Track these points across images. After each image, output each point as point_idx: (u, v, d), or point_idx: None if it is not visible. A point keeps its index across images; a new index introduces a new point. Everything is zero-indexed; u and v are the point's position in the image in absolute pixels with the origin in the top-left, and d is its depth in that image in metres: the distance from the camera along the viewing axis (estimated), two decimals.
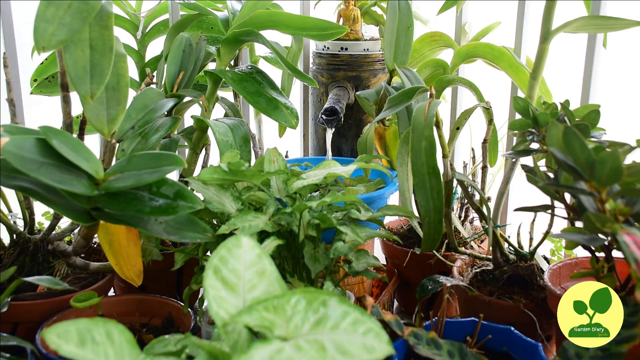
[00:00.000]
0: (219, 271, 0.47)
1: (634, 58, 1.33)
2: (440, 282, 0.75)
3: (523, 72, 0.95)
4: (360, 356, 0.40)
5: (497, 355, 0.66)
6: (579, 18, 0.77)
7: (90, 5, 0.65)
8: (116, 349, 0.42)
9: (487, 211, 0.85)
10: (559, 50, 0.92)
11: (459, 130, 0.93)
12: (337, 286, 0.67)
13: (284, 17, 0.92)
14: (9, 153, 0.57)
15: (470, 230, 1.04)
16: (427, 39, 1.10)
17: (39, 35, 0.62)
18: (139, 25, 1.11)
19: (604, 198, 0.54)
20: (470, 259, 0.93)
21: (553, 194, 0.64)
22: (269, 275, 0.48)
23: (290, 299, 0.43)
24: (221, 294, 0.45)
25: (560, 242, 1.00)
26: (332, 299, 0.44)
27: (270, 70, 1.05)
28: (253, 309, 0.43)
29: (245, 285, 0.47)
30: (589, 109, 0.69)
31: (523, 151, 0.71)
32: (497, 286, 0.84)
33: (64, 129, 0.78)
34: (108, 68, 0.67)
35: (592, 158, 0.52)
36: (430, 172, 0.76)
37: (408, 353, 0.63)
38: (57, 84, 0.89)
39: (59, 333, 0.40)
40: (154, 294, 0.84)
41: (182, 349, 0.50)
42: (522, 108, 0.70)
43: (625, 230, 0.50)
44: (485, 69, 1.04)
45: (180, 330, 0.80)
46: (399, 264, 1.00)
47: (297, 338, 0.41)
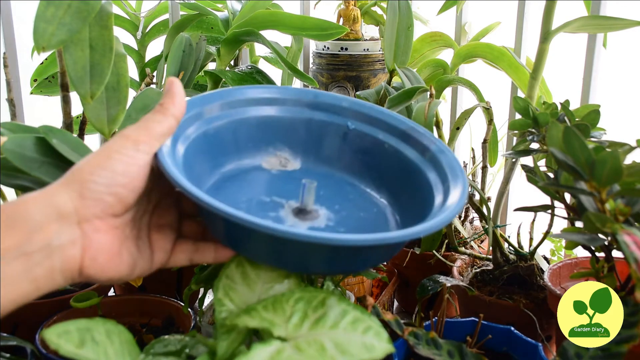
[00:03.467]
0: (242, 265, 0.47)
1: (634, 58, 1.33)
2: (440, 282, 0.75)
3: (523, 72, 0.95)
4: (360, 355, 0.40)
5: (497, 355, 0.66)
6: (579, 18, 0.77)
7: (90, 5, 0.65)
8: (116, 349, 0.42)
9: (487, 211, 0.85)
10: (559, 50, 0.92)
11: (459, 130, 0.93)
12: (337, 286, 0.67)
13: (284, 17, 0.92)
14: (10, 151, 0.57)
15: (470, 230, 1.04)
16: (427, 39, 1.10)
17: (39, 35, 0.62)
18: (139, 25, 1.11)
19: (604, 198, 0.54)
20: (470, 259, 0.93)
21: (553, 194, 0.64)
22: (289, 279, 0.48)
23: (290, 298, 0.44)
24: (235, 286, 0.45)
25: (560, 242, 1.00)
26: (331, 298, 0.44)
27: (270, 70, 1.05)
28: (252, 309, 0.43)
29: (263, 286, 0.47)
30: (589, 109, 0.69)
31: (523, 151, 0.71)
32: (497, 286, 0.84)
33: (64, 128, 0.78)
34: (108, 68, 0.67)
35: (592, 158, 0.52)
36: None
37: (408, 353, 0.63)
38: (57, 84, 0.89)
39: (59, 333, 0.40)
40: (154, 294, 0.84)
41: (182, 349, 0.50)
42: (522, 108, 0.70)
43: (625, 230, 0.50)
44: (485, 69, 1.04)
45: (180, 330, 0.80)
46: (399, 264, 1.00)
47: (296, 338, 0.41)
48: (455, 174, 0.53)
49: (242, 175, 0.56)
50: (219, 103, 0.55)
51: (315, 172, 0.59)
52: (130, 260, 0.46)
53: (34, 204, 0.41)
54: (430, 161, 0.55)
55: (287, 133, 0.59)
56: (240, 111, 0.56)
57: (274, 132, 0.58)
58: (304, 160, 0.59)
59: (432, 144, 0.56)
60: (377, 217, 0.56)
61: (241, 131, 0.56)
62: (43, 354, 0.69)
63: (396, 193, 0.57)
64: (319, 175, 0.58)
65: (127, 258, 0.46)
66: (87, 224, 0.43)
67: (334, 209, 0.54)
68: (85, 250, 0.43)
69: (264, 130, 0.58)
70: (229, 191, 0.54)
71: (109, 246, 0.44)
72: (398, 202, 0.57)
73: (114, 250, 0.45)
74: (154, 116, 0.46)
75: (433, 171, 0.55)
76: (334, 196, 0.56)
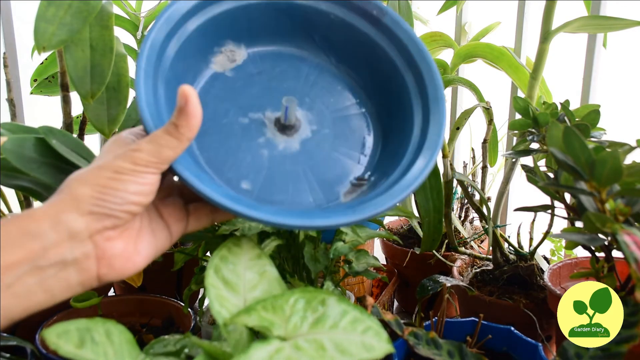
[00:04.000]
0: (219, 270, 0.47)
1: (634, 58, 1.33)
2: (440, 282, 0.75)
3: (523, 72, 0.95)
4: (359, 355, 0.40)
5: (497, 355, 0.66)
6: (579, 18, 0.77)
7: (91, 6, 0.65)
8: (116, 349, 0.42)
9: (487, 211, 0.85)
10: (559, 50, 0.92)
11: (459, 130, 0.93)
12: (337, 286, 0.67)
13: None
14: (10, 151, 0.57)
15: (470, 230, 1.04)
16: (427, 39, 1.10)
17: (40, 35, 0.62)
18: (139, 25, 1.11)
19: (604, 198, 0.54)
20: (470, 259, 0.93)
21: (553, 194, 0.64)
22: (269, 275, 0.48)
23: (289, 298, 0.43)
24: (222, 294, 0.45)
25: (560, 242, 1.00)
26: (330, 298, 0.44)
27: None
28: (252, 309, 0.43)
29: (245, 285, 0.47)
30: (589, 109, 0.69)
31: (523, 151, 0.71)
32: (497, 286, 0.84)
33: (64, 129, 0.78)
34: (108, 68, 0.67)
35: (592, 158, 0.52)
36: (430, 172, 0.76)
37: (408, 353, 0.63)
38: (57, 84, 0.89)
39: (58, 333, 0.40)
40: (154, 294, 0.84)
41: (181, 349, 0.50)
42: (522, 108, 0.70)
43: (625, 230, 0.50)
44: (485, 69, 1.04)
45: (180, 330, 0.80)
46: (399, 264, 1.00)
47: (296, 337, 0.41)
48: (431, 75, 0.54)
49: (208, 98, 0.55)
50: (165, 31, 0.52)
51: (264, 55, 0.57)
52: (149, 249, 0.46)
53: (44, 221, 0.41)
54: (385, 34, 0.55)
55: (230, 26, 0.56)
56: (181, 30, 0.53)
57: (216, 31, 0.55)
58: (249, 45, 0.57)
59: (384, 15, 0.55)
60: (342, 95, 0.57)
61: (188, 48, 0.54)
62: (43, 354, 0.69)
63: (356, 67, 0.57)
64: (269, 56, 0.57)
65: (145, 249, 0.46)
66: (99, 236, 0.43)
67: (306, 103, 0.55)
68: (99, 260, 0.43)
69: (205, 34, 0.55)
70: (209, 125, 0.53)
71: (122, 249, 0.44)
72: (360, 75, 0.57)
73: (129, 251, 0.44)
74: (168, 140, 0.44)
75: (394, 49, 0.55)
76: (296, 83, 0.56)
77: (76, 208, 0.42)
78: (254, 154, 0.53)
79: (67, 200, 0.42)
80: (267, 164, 0.53)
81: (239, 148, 0.52)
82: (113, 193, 0.42)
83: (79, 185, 0.42)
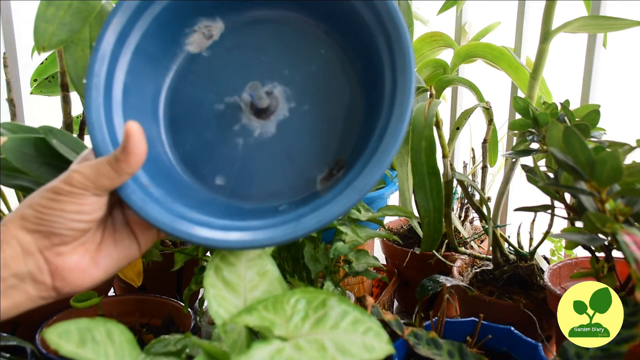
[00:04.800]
0: (219, 270, 0.47)
1: (634, 58, 1.33)
2: (440, 282, 0.75)
3: (523, 72, 0.95)
4: (360, 355, 0.40)
5: (497, 355, 0.66)
6: (579, 18, 0.77)
7: (91, 5, 0.65)
8: (116, 349, 0.42)
9: (487, 211, 0.85)
10: (559, 50, 0.92)
11: (459, 130, 0.93)
12: (337, 286, 0.67)
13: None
14: (10, 151, 0.57)
15: (470, 230, 1.04)
16: (427, 39, 1.10)
17: (39, 35, 0.62)
18: None
19: (604, 198, 0.54)
20: (470, 259, 0.93)
21: (553, 194, 0.64)
22: (270, 275, 0.48)
23: (290, 298, 0.44)
24: (222, 294, 0.45)
25: (560, 242, 1.00)
26: (331, 299, 0.44)
27: None
28: (253, 308, 0.43)
29: (246, 285, 0.47)
30: (589, 109, 0.69)
31: (523, 151, 0.71)
32: (497, 286, 0.84)
33: (64, 128, 0.78)
34: None
35: (592, 158, 0.52)
36: (430, 172, 0.76)
37: (408, 353, 0.63)
38: (57, 84, 0.89)
39: (59, 333, 0.40)
40: (154, 294, 0.84)
41: (182, 349, 0.50)
42: (522, 108, 0.70)
43: (625, 230, 0.50)
44: (485, 69, 1.04)
45: (180, 330, 0.80)
46: (399, 264, 1.00)
47: (297, 338, 0.41)
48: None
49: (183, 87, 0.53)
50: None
51: (244, 24, 0.54)
52: (110, 261, 0.47)
53: (1, 235, 0.43)
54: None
55: (194, 5, 0.53)
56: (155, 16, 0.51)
57: (184, 14, 0.53)
58: (224, 15, 0.54)
59: None
60: (327, 65, 0.51)
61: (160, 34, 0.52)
62: (43, 353, 0.69)
63: (339, 30, 0.52)
64: (248, 25, 0.54)
65: (106, 262, 0.47)
66: (48, 251, 0.44)
67: (285, 76, 0.51)
68: (53, 274, 0.44)
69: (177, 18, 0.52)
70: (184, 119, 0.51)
71: (76, 263, 0.45)
72: (344, 39, 0.51)
73: (83, 264, 0.45)
74: (108, 171, 0.44)
75: (369, 13, 0.48)
76: (275, 54, 0.52)
77: (22, 227, 0.44)
78: (230, 144, 0.50)
79: (16, 219, 0.44)
80: (241, 154, 0.50)
81: (214, 140, 0.50)
82: (52, 213, 0.44)
83: (25, 205, 0.44)
